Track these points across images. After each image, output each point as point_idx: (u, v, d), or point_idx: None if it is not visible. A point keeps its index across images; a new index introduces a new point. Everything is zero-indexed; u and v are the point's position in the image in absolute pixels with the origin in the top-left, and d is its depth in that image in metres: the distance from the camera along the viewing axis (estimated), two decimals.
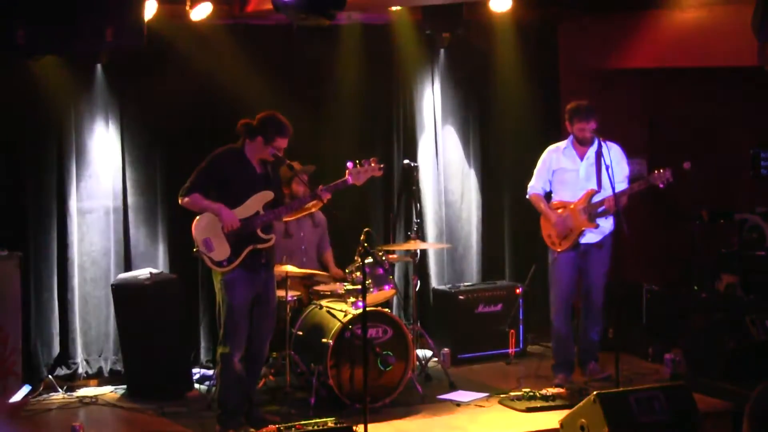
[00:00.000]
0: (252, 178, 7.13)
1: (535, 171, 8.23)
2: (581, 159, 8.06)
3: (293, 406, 7.50)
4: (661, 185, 7.83)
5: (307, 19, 7.14)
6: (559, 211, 8.08)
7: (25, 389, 7.45)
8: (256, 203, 7.10)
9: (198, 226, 7.10)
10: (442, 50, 9.47)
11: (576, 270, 8.14)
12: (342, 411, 7.30)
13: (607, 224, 8.01)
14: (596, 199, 7.96)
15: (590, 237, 8.05)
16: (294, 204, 7.30)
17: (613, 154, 7.97)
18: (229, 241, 7.03)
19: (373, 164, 7.20)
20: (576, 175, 8.06)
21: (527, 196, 8.27)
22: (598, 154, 7.86)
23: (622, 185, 7.93)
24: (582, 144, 8.04)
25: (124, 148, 8.53)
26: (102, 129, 8.46)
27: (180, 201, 7.14)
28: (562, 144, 8.19)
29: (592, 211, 7.96)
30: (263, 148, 7.08)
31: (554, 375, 8.22)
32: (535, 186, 8.22)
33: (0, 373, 7.63)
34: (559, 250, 8.08)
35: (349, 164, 7.17)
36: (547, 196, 8.25)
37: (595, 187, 7.96)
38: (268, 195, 7.15)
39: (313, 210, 7.35)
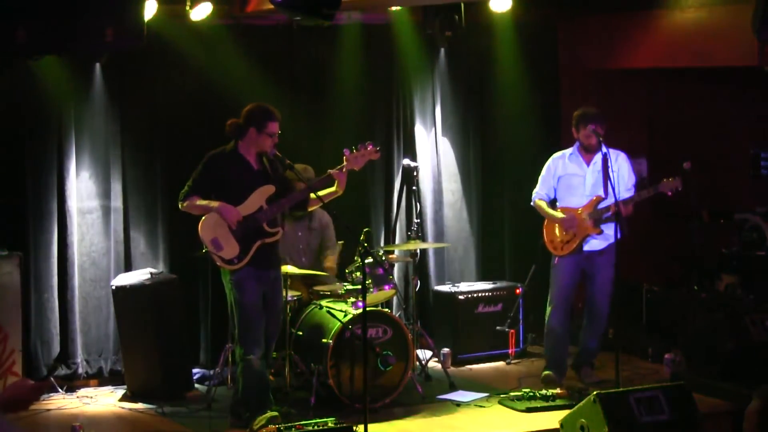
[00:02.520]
0: (250, 176, 7.14)
1: (540, 178, 8.19)
2: (588, 165, 8.02)
3: (293, 406, 7.49)
4: (670, 194, 7.81)
5: (304, 19, 7.13)
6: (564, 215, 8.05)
7: None
8: (258, 199, 7.10)
9: (204, 227, 7.09)
10: (442, 50, 9.46)
11: (578, 273, 8.08)
12: (342, 411, 7.30)
13: (611, 231, 7.84)
14: (602, 205, 7.92)
15: (594, 244, 7.99)
16: (294, 195, 7.26)
17: (620, 162, 7.98)
18: (237, 238, 7.03)
19: (369, 147, 7.20)
20: (583, 181, 8.02)
21: (531, 203, 8.21)
22: (605, 161, 7.79)
23: (628, 193, 7.93)
24: (588, 151, 8.00)
25: (124, 148, 8.52)
26: (102, 129, 8.44)
27: (180, 206, 7.16)
28: (567, 151, 8.14)
29: (597, 217, 7.92)
30: (257, 137, 7.08)
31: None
32: (539, 192, 8.17)
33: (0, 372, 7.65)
34: (561, 254, 8.05)
35: (346, 151, 7.17)
36: (552, 203, 8.19)
37: (601, 193, 7.91)
38: (269, 189, 7.15)
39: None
